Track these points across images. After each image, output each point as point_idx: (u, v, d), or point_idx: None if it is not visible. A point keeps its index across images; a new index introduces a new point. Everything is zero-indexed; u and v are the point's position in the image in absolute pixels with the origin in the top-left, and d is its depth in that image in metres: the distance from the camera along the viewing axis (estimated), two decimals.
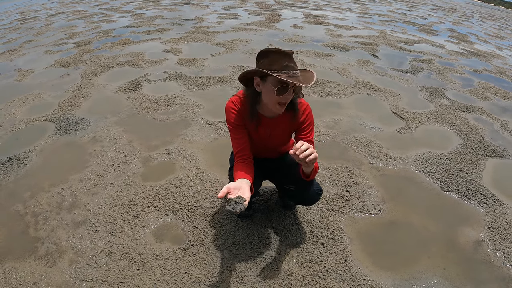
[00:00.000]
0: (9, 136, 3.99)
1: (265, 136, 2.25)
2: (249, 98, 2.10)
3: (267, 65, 1.87)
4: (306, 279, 2.25)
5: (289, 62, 1.86)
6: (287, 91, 1.90)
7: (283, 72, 1.85)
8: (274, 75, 1.83)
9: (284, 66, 1.85)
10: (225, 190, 1.73)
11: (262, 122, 2.20)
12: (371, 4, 18.31)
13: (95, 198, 2.96)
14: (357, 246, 2.55)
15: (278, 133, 2.27)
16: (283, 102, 1.96)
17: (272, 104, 2.00)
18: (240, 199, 1.71)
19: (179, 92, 5.03)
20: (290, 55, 1.88)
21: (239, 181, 1.89)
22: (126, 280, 2.23)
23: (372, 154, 3.63)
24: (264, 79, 1.94)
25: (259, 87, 1.99)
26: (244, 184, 1.86)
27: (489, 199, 3.11)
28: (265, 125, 2.21)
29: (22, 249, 2.49)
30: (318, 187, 2.34)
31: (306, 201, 2.42)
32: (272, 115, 2.18)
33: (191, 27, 9.40)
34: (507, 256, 2.53)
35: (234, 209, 1.67)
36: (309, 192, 2.30)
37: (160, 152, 3.58)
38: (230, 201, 1.70)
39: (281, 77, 1.82)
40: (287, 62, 1.85)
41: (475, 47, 9.69)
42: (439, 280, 2.32)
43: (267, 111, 2.15)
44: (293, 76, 1.86)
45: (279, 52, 1.87)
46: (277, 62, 1.85)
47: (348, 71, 6.17)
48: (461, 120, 4.57)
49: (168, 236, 2.57)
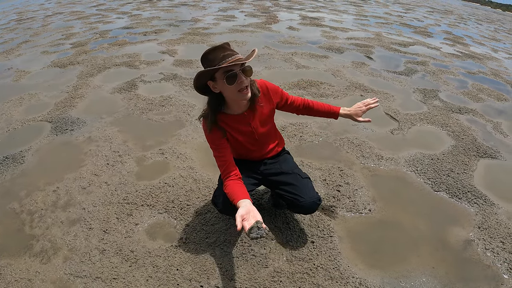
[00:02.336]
0: (6, 136, 4.02)
1: (249, 132, 2.26)
2: (211, 104, 2.13)
3: (210, 65, 1.92)
4: (295, 276, 2.29)
5: (224, 51, 1.90)
6: (237, 76, 1.92)
7: (222, 62, 1.88)
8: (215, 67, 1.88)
9: (222, 57, 1.89)
10: (239, 220, 1.74)
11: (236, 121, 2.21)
12: (367, 6, 18.39)
13: (89, 196, 2.99)
14: (346, 245, 2.58)
15: (257, 123, 2.27)
16: (241, 87, 1.97)
17: (235, 96, 2.02)
18: (260, 223, 1.73)
19: (174, 93, 5.07)
20: (223, 46, 1.93)
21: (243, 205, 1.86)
22: (119, 276, 2.26)
23: (364, 155, 3.67)
24: (214, 79, 1.98)
25: (216, 88, 2.02)
26: (252, 206, 1.86)
27: (479, 199, 3.14)
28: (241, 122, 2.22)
29: (17, 246, 2.52)
30: (317, 196, 2.33)
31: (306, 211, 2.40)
32: (242, 110, 2.19)
33: (187, 29, 9.45)
34: (497, 256, 2.56)
35: (260, 234, 1.69)
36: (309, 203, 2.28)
37: (154, 152, 3.62)
38: (252, 229, 1.71)
39: (223, 66, 1.87)
40: (223, 53, 1.89)
41: (470, 49, 9.76)
42: (428, 279, 2.35)
43: (236, 108, 2.17)
44: (233, 61, 1.89)
45: (213, 49, 1.92)
46: (215, 58, 1.90)
47: (343, 73, 6.21)
48: (453, 122, 4.61)
49: (161, 234, 2.60)
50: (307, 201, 2.26)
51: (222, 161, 2.16)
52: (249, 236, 1.70)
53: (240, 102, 2.10)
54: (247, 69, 1.95)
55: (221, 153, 2.17)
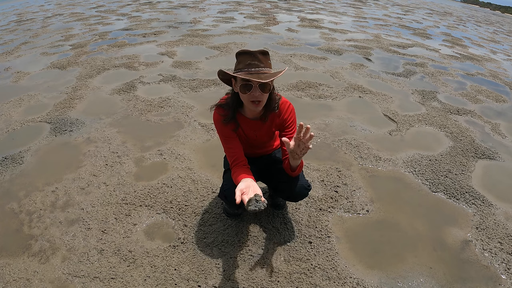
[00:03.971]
0: (5, 136, 4.02)
1: (252, 136, 2.31)
2: (231, 100, 2.15)
3: (236, 66, 1.95)
4: (293, 277, 2.29)
5: (253, 60, 1.91)
6: (251, 88, 1.93)
7: (244, 71, 1.91)
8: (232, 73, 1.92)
9: (247, 65, 1.90)
10: (239, 194, 1.77)
11: (246, 124, 2.25)
12: (366, 8, 18.42)
13: (88, 197, 2.99)
14: (344, 245, 2.58)
15: (263, 133, 2.33)
16: (253, 100, 1.99)
17: (246, 103, 2.05)
18: (258, 196, 1.75)
19: (173, 94, 5.08)
20: (255, 54, 1.92)
21: (244, 181, 1.93)
22: (117, 276, 2.27)
23: (362, 156, 3.68)
24: (236, 80, 2.00)
25: (236, 88, 2.04)
26: (253, 182, 1.90)
27: (477, 200, 3.15)
28: (249, 127, 2.27)
29: (16, 246, 2.52)
30: (306, 182, 2.37)
31: (295, 195, 2.43)
32: (254, 117, 2.23)
33: (186, 30, 9.47)
34: (495, 256, 2.57)
35: (258, 207, 1.71)
36: (298, 187, 2.33)
37: (153, 152, 3.62)
38: (251, 201, 1.74)
39: (241, 75, 1.89)
40: (250, 61, 1.90)
41: (469, 51, 9.78)
42: (425, 279, 2.36)
43: (248, 113, 2.20)
44: (254, 73, 1.90)
45: (245, 52, 1.93)
46: (242, 62, 1.92)
47: (341, 74, 6.23)
48: (452, 123, 4.62)
49: (159, 234, 2.61)
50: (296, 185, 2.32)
51: (231, 152, 2.19)
52: (247, 209, 1.71)
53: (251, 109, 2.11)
54: (265, 85, 1.95)
55: (231, 144, 2.21)
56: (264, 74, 1.91)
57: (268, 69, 1.95)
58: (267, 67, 1.94)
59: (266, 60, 1.95)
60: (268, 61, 1.98)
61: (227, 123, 2.18)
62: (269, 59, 1.99)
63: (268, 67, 1.96)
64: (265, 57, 1.96)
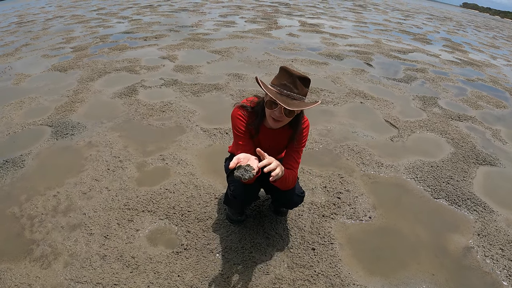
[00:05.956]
0: (6, 139, 4.01)
1: (266, 146, 2.30)
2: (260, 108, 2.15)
3: (274, 79, 1.96)
4: (296, 283, 2.29)
5: (289, 82, 1.90)
6: (276, 107, 1.94)
7: (277, 89, 1.91)
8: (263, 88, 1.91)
9: (282, 85, 1.90)
10: (235, 161, 1.78)
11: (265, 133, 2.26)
12: (367, 13, 18.48)
13: (90, 202, 2.98)
14: (347, 252, 2.59)
15: (275, 144, 2.33)
16: (274, 118, 2.00)
17: (267, 116, 2.06)
18: (249, 167, 1.75)
19: (175, 99, 5.08)
20: (295, 76, 1.90)
21: (244, 153, 1.91)
22: (119, 282, 2.26)
23: (364, 162, 3.69)
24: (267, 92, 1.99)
25: (266, 97, 2.04)
26: (252, 157, 1.89)
27: (479, 206, 3.16)
28: (267, 137, 2.27)
29: (17, 251, 2.51)
30: (300, 190, 2.38)
31: (289, 203, 2.44)
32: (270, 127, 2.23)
33: (187, 34, 9.48)
34: (496, 262, 2.58)
35: (243, 175, 1.71)
36: (290, 194, 2.33)
37: (155, 157, 3.62)
38: (240, 168, 1.74)
39: (271, 93, 1.88)
40: (286, 82, 1.90)
41: (469, 57, 9.82)
42: (428, 286, 2.36)
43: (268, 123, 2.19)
44: (284, 95, 1.90)
45: (286, 71, 1.92)
46: (279, 79, 1.92)
47: (342, 80, 6.25)
48: (453, 129, 4.63)
49: (162, 240, 2.60)
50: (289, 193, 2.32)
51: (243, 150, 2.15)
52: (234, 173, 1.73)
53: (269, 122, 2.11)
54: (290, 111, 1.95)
55: (245, 142, 2.21)
56: (293, 100, 1.91)
57: (301, 97, 1.94)
58: (300, 94, 1.93)
59: (302, 87, 1.94)
60: (305, 88, 1.97)
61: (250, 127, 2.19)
62: (307, 86, 1.98)
63: (302, 94, 1.95)
64: (303, 83, 1.94)
